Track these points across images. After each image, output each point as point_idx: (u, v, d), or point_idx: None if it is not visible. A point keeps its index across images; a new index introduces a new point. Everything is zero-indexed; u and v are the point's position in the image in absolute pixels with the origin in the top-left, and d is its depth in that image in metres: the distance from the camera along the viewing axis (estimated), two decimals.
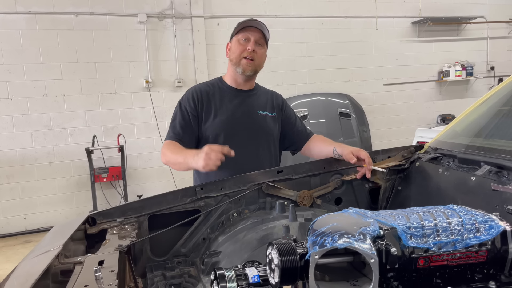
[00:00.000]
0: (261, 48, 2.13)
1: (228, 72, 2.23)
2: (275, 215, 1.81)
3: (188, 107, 2.12)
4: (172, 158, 1.97)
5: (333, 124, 6.28)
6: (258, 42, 2.10)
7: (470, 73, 7.58)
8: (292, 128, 2.29)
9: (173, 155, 1.96)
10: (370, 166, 1.94)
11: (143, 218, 1.77)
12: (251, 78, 2.19)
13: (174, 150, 1.99)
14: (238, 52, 2.10)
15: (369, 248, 0.89)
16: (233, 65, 2.15)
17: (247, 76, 2.14)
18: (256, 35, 2.09)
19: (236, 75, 2.17)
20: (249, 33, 2.09)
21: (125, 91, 5.94)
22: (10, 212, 5.61)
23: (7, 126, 5.51)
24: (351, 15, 6.93)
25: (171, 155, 1.97)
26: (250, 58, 2.09)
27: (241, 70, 2.12)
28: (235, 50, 2.12)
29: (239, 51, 2.10)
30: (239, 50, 2.10)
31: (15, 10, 5.41)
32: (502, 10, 7.77)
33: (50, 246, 1.39)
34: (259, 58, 2.13)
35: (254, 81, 2.27)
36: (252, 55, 2.09)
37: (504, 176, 1.49)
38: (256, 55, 2.10)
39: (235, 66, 2.13)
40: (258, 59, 2.12)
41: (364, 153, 1.95)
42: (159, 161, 6.72)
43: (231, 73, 2.20)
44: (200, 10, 6.15)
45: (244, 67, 2.11)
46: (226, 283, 1.04)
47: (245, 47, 2.09)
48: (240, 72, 2.13)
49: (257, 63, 2.13)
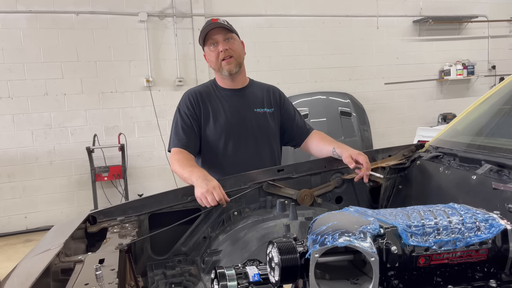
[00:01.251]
0: (232, 42, 2.10)
1: (217, 77, 2.23)
2: (275, 214, 1.81)
3: (187, 111, 2.12)
4: (178, 172, 1.94)
5: (334, 123, 6.28)
6: (225, 38, 2.08)
7: (471, 72, 7.57)
8: (292, 124, 2.27)
9: (180, 169, 1.93)
10: (368, 172, 1.91)
11: (144, 217, 1.77)
12: (238, 74, 2.16)
13: (182, 164, 1.95)
14: (214, 60, 2.10)
15: (370, 247, 0.89)
16: (218, 71, 2.15)
17: (235, 73, 2.13)
18: (220, 34, 2.07)
19: (224, 78, 2.17)
20: (213, 37, 2.07)
21: (125, 90, 5.94)
22: (11, 211, 5.61)
23: (8, 125, 5.52)
24: (352, 14, 6.92)
25: (179, 169, 1.94)
26: (228, 56, 2.08)
27: (227, 72, 2.11)
28: (211, 59, 2.12)
29: (214, 58, 2.10)
30: (214, 57, 2.10)
31: (16, 9, 5.41)
32: (503, 8, 7.76)
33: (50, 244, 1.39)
34: (236, 51, 2.11)
35: (245, 77, 2.25)
36: (228, 53, 2.07)
37: (505, 174, 1.48)
38: (232, 51, 2.09)
39: (220, 72, 2.13)
40: (236, 53, 2.10)
41: (363, 158, 1.91)
42: (160, 160, 6.72)
43: (219, 78, 2.20)
44: (201, 9, 6.15)
45: (227, 67, 2.09)
46: (226, 282, 1.04)
47: (217, 51, 2.08)
48: (227, 74, 2.12)
49: (236, 56, 2.11)
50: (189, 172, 1.85)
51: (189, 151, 2.06)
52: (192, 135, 2.10)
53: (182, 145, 2.06)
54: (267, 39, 6.52)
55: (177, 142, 2.08)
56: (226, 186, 1.86)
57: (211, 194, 1.70)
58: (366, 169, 1.90)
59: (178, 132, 2.10)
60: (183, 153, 2.04)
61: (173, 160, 2.02)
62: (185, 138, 2.08)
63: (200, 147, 2.14)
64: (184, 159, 1.99)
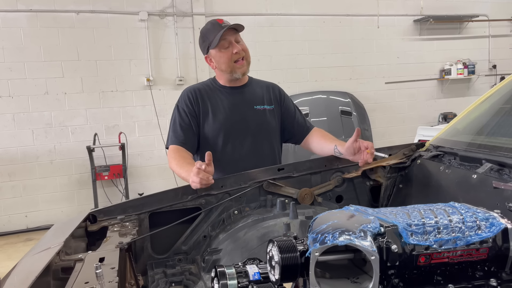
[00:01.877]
0: (243, 43, 2.11)
1: (219, 76, 2.20)
2: (276, 213, 1.81)
3: (186, 108, 2.11)
4: (176, 170, 1.93)
5: (335, 123, 6.27)
6: (236, 39, 2.08)
7: (472, 71, 7.56)
8: (292, 121, 2.26)
9: (178, 168, 1.92)
10: (372, 150, 1.84)
11: (144, 216, 1.77)
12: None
13: (179, 162, 1.94)
14: (226, 60, 2.07)
15: (370, 245, 0.89)
16: (228, 73, 2.11)
17: (245, 74, 2.14)
18: (232, 35, 2.05)
19: (231, 79, 2.15)
20: (225, 38, 2.04)
21: (126, 89, 5.94)
22: (11, 210, 5.62)
23: (9, 124, 5.52)
24: (353, 13, 6.92)
25: (176, 168, 1.94)
26: (241, 59, 2.08)
27: (240, 75, 2.11)
28: (221, 60, 2.08)
29: (227, 58, 2.06)
30: (226, 57, 2.06)
31: (16, 8, 5.41)
32: (504, 8, 7.75)
33: (50, 243, 1.39)
34: (247, 52, 2.12)
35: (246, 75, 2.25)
36: (242, 54, 2.07)
37: (505, 173, 1.48)
38: (244, 52, 2.09)
39: (230, 73, 2.10)
40: (247, 54, 2.12)
41: (367, 142, 1.88)
42: (160, 159, 6.71)
43: (223, 77, 2.17)
44: (201, 8, 6.15)
45: (241, 70, 2.09)
46: (226, 281, 1.04)
47: (230, 52, 2.05)
48: (239, 76, 2.12)
49: (247, 57, 2.12)
50: (186, 170, 1.84)
51: (186, 148, 2.05)
52: (190, 132, 2.10)
53: (180, 142, 2.06)
54: (267, 38, 6.51)
55: (175, 139, 2.08)
56: (226, 185, 1.86)
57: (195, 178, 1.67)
58: (370, 148, 1.83)
59: (176, 129, 2.09)
60: (180, 151, 2.03)
61: (170, 158, 2.01)
62: (183, 135, 2.07)
63: (199, 144, 2.14)
64: (181, 157, 1.99)
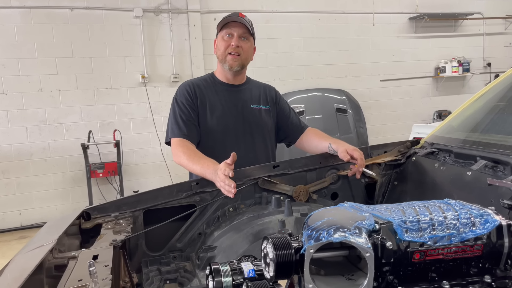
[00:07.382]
0: (246, 42, 2.10)
1: (218, 68, 2.22)
2: (271, 210, 1.81)
3: (185, 101, 2.10)
4: (187, 165, 1.90)
5: (330, 120, 6.28)
6: (242, 36, 2.08)
7: (466, 69, 7.59)
8: (286, 121, 2.28)
9: (189, 162, 1.88)
10: (360, 168, 1.91)
11: (138, 213, 1.76)
12: (239, 73, 2.17)
13: (190, 156, 1.90)
14: (222, 49, 2.09)
15: (365, 242, 0.88)
16: (220, 61, 2.14)
17: (235, 71, 2.13)
18: (239, 29, 2.06)
19: (225, 71, 2.16)
20: (232, 29, 2.06)
21: (121, 86, 5.91)
22: (5, 208, 5.58)
23: (2, 121, 5.48)
24: (348, 10, 6.92)
25: (187, 162, 1.89)
26: (236, 54, 2.07)
27: (228, 66, 2.10)
28: (220, 46, 2.10)
29: (223, 47, 2.08)
30: (223, 46, 2.08)
31: (10, 4, 5.36)
32: (498, 6, 7.78)
33: (44, 240, 1.38)
34: (245, 52, 2.10)
35: (245, 75, 2.25)
36: (237, 50, 2.07)
37: (499, 170, 1.49)
38: (242, 50, 2.08)
39: (222, 62, 2.12)
40: (245, 54, 2.10)
41: (358, 154, 1.91)
42: (155, 156, 6.68)
43: (220, 69, 2.19)
44: (197, 5, 6.12)
45: (230, 63, 2.09)
46: (221, 278, 1.04)
47: (229, 43, 2.06)
48: (227, 69, 2.11)
49: (243, 57, 2.10)
50: (200, 165, 1.81)
51: (190, 140, 2.02)
52: (192, 124, 2.07)
53: (183, 134, 2.03)
54: (263, 36, 6.48)
55: (178, 131, 2.04)
56: None
57: (226, 186, 1.64)
58: (359, 166, 1.91)
59: (178, 121, 2.06)
60: (186, 143, 2.00)
61: (178, 152, 1.96)
62: (185, 127, 2.05)
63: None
64: (191, 151, 1.95)
